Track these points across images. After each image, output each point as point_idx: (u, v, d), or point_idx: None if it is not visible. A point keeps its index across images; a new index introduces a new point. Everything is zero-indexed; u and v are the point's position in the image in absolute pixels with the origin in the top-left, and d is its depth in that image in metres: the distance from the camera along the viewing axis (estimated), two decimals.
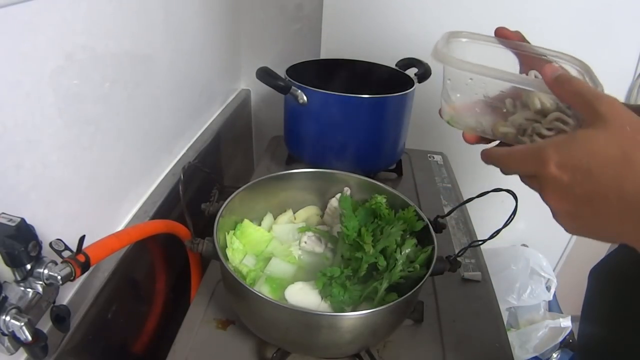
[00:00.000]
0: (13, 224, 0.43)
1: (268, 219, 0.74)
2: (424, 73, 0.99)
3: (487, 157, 0.45)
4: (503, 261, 1.38)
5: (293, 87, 0.89)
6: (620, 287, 0.62)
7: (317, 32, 1.21)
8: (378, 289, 0.59)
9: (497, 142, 0.50)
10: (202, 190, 0.77)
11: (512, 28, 0.52)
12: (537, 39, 0.53)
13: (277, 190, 0.74)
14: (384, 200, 0.69)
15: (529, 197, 0.45)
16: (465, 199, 0.66)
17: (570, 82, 0.41)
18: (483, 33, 0.53)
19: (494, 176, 0.48)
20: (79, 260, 0.49)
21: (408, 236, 0.64)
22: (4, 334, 0.45)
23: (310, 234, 0.70)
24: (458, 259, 0.62)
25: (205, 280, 0.75)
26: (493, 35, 0.53)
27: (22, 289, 0.46)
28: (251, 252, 0.68)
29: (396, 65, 1.05)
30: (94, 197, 0.64)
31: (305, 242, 0.69)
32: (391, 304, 0.53)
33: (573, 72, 0.47)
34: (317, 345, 0.58)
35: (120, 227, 0.72)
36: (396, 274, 0.60)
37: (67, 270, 0.48)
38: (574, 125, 0.43)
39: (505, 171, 0.43)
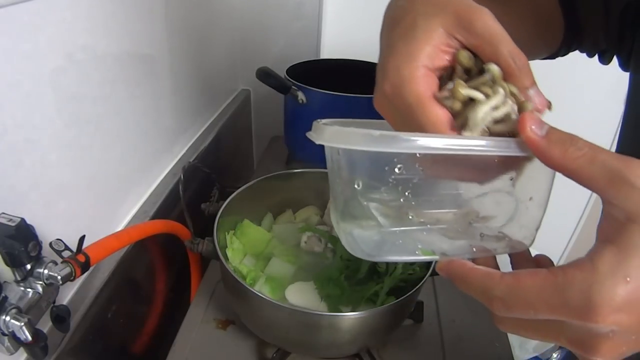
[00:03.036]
0: (13, 224, 0.42)
1: (268, 219, 0.74)
2: None
3: (461, 283, 0.30)
4: (503, 261, 1.38)
5: (293, 87, 0.89)
6: None
7: (317, 32, 1.21)
8: (379, 293, 0.59)
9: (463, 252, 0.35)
10: (202, 190, 0.77)
11: None
12: None
13: (277, 190, 0.74)
14: None
15: None
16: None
17: (574, 143, 0.27)
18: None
19: None
20: (79, 260, 0.49)
21: None
22: (4, 334, 0.45)
23: (310, 234, 0.70)
24: None
25: (205, 280, 0.75)
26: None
27: (22, 289, 0.46)
28: (251, 252, 0.68)
29: None
30: (94, 197, 0.64)
31: (305, 242, 0.69)
32: (391, 304, 0.53)
33: None
34: (317, 345, 0.58)
35: (120, 227, 0.72)
36: (396, 277, 0.60)
37: (67, 270, 0.48)
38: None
39: (504, 313, 0.28)
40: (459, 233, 0.35)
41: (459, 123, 0.31)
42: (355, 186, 0.33)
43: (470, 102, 0.30)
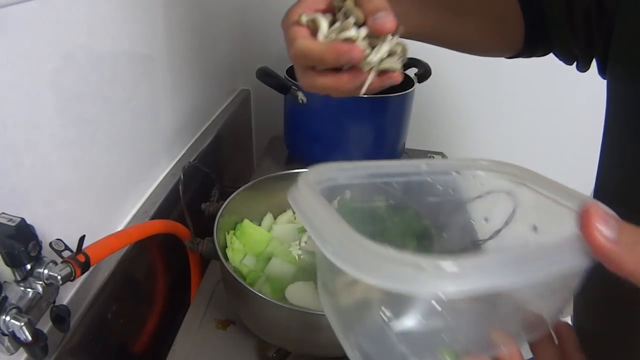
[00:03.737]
0: (13, 224, 0.42)
1: (268, 219, 0.74)
2: (424, 73, 0.99)
3: None
4: None
5: (293, 87, 0.89)
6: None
7: None
8: None
9: None
10: (202, 190, 0.77)
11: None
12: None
13: (277, 190, 0.74)
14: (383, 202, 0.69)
15: None
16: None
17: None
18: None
19: None
20: (79, 260, 0.49)
21: (408, 238, 0.64)
22: (4, 334, 0.45)
23: None
24: None
25: (205, 280, 0.75)
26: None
27: (22, 289, 0.46)
28: (251, 252, 0.68)
29: None
30: (93, 197, 0.64)
31: (305, 242, 0.69)
32: None
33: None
34: (317, 345, 0.58)
35: (120, 227, 0.72)
36: None
37: (67, 270, 0.48)
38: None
39: None
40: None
41: None
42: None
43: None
